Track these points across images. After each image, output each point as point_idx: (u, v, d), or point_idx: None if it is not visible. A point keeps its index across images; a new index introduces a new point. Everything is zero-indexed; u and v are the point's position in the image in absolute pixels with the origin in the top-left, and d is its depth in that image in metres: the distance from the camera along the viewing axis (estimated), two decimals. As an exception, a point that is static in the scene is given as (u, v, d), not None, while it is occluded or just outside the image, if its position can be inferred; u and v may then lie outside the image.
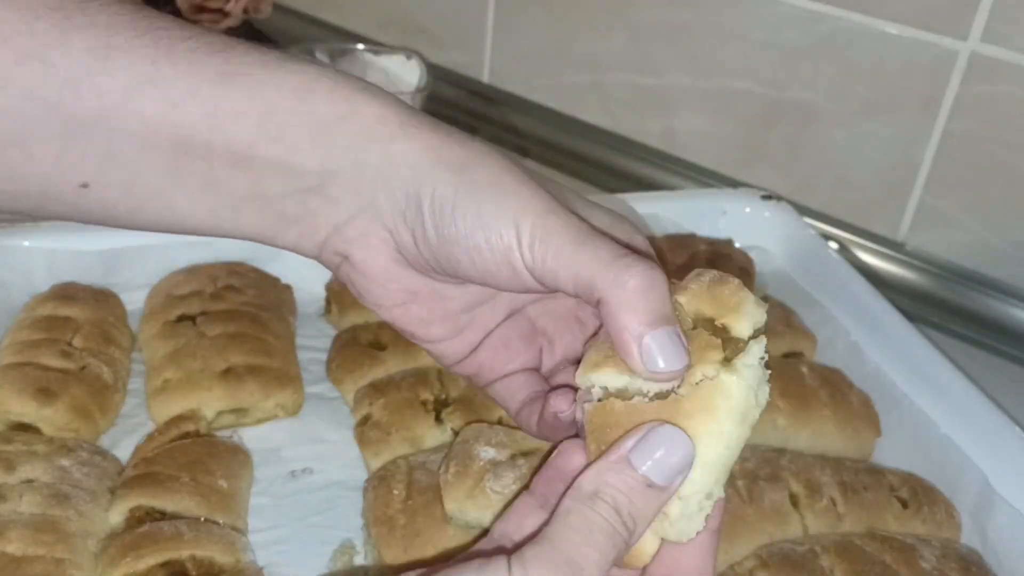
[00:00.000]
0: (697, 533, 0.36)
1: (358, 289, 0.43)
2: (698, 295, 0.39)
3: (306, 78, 0.39)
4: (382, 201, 0.40)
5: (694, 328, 0.38)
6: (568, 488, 0.35)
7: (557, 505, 0.35)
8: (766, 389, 0.36)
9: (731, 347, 0.37)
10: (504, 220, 0.38)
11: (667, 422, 0.35)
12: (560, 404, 0.41)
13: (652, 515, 0.35)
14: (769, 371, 0.37)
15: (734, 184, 0.96)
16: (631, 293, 0.36)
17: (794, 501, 0.59)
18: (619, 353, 0.37)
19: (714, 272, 0.40)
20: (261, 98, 0.39)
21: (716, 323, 0.38)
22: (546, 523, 0.34)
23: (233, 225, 0.41)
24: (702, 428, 0.35)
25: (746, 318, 0.38)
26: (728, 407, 0.35)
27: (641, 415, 0.36)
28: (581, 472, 0.35)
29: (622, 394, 0.37)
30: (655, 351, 0.36)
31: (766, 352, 0.37)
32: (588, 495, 0.34)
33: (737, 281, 0.39)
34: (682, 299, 0.39)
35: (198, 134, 0.38)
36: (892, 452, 0.66)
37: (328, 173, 0.40)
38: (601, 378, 0.37)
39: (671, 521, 0.36)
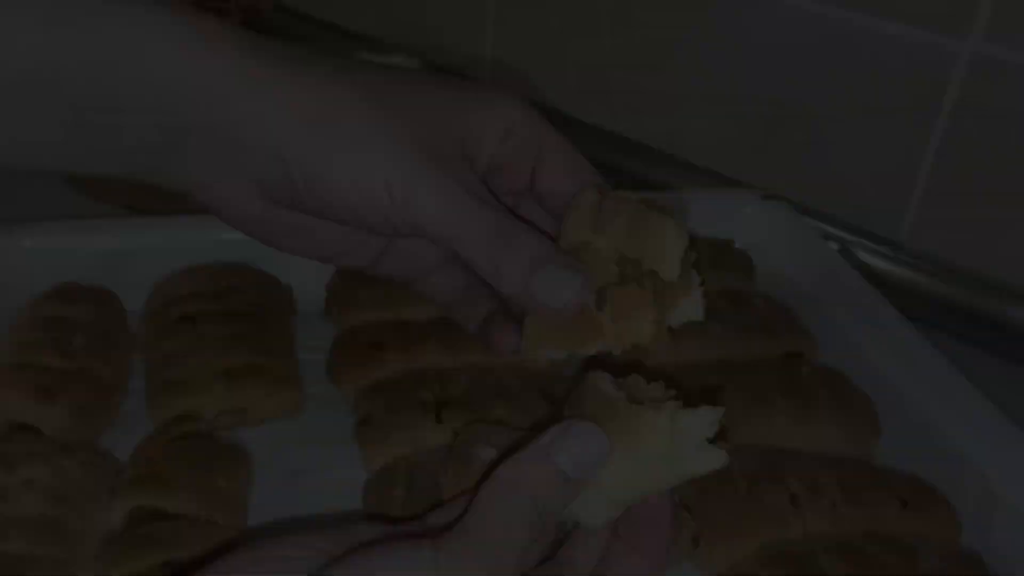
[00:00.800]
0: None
1: (233, 226, 0.41)
2: (617, 237, 0.37)
3: (140, 30, 0.36)
4: (244, 161, 0.38)
5: (620, 283, 0.36)
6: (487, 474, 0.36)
7: (475, 491, 0.35)
8: (711, 456, 0.35)
9: (665, 292, 0.36)
10: (375, 177, 0.37)
11: (590, 422, 0.35)
12: (509, 343, 0.42)
13: (565, 503, 0.35)
14: (722, 444, 0.35)
15: (734, 184, 0.96)
16: (509, 268, 0.37)
17: (794, 501, 0.59)
18: (528, 311, 0.38)
19: (633, 201, 0.38)
20: (90, 51, 0.35)
21: (644, 268, 0.37)
22: (465, 512, 0.34)
23: (91, 171, 0.39)
24: (620, 446, 0.35)
25: (670, 258, 0.37)
26: (638, 440, 0.35)
27: (602, 415, 0.36)
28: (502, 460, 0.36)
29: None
30: (549, 289, 0.36)
31: (702, 280, 0.37)
32: (506, 485, 0.34)
33: (655, 213, 0.37)
34: (601, 243, 0.37)
35: (20, 89, 0.35)
36: (892, 452, 0.66)
37: (175, 137, 0.37)
38: (545, 354, 0.38)
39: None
